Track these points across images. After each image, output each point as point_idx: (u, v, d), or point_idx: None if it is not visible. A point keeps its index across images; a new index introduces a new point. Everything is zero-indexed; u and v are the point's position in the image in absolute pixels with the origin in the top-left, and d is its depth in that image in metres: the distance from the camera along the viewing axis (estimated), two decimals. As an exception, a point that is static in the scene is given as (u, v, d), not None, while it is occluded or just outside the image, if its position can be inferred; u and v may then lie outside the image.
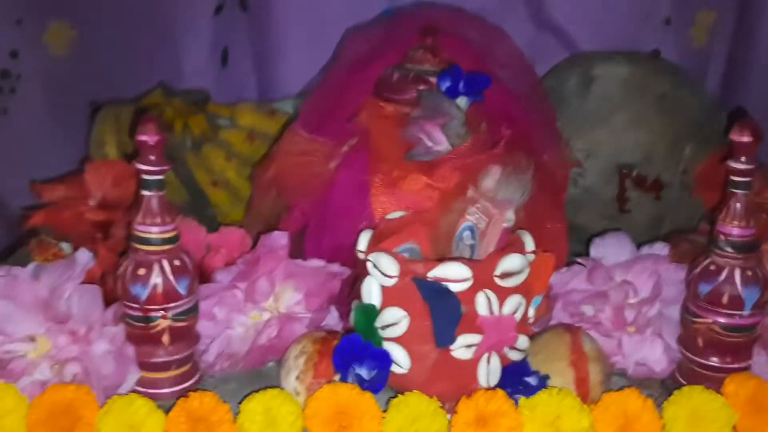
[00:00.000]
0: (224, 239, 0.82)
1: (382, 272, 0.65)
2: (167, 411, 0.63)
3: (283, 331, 0.73)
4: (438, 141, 0.75)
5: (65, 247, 0.77)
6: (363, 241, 0.69)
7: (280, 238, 0.75)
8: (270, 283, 0.74)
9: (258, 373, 0.74)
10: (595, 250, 0.79)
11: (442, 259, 0.66)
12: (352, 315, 0.69)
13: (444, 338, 0.63)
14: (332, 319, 0.77)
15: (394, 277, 0.64)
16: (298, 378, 0.67)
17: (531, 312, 0.69)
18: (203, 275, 0.79)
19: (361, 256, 0.69)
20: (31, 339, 0.67)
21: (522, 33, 0.99)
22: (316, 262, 0.76)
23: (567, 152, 0.83)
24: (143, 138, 0.65)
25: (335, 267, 0.76)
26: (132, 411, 0.62)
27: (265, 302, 0.75)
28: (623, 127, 0.91)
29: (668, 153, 0.90)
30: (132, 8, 1.14)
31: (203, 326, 0.73)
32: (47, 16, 1.16)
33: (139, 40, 1.16)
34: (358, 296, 0.69)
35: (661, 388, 0.72)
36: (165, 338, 0.68)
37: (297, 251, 0.78)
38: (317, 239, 0.78)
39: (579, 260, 0.79)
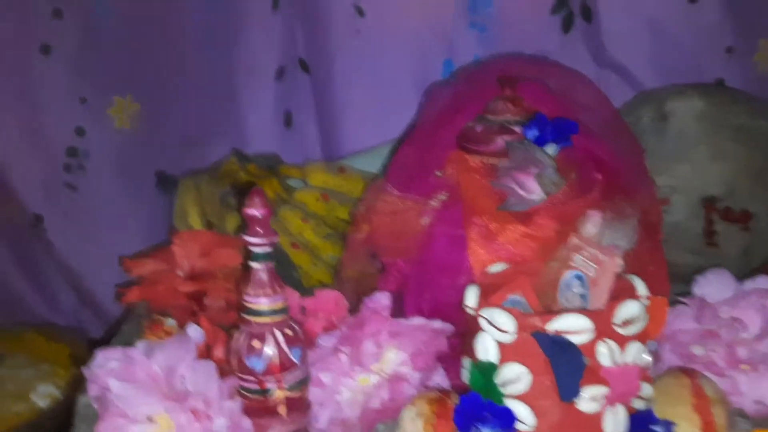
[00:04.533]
0: (320, 302, 0.81)
1: (497, 328, 0.64)
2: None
3: (393, 392, 0.73)
4: (531, 190, 0.75)
5: (171, 322, 0.77)
6: (471, 296, 0.69)
7: (383, 299, 0.75)
8: (377, 345, 0.74)
9: (368, 436, 0.74)
10: (697, 288, 0.78)
11: (557, 311, 0.66)
12: (467, 373, 0.68)
13: (568, 392, 0.63)
14: (439, 377, 0.76)
15: (511, 332, 0.64)
16: (418, 440, 0.67)
17: (647, 358, 0.68)
18: (303, 340, 0.79)
19: (470, 312, 0.69)
20: (150, 419, 0.67)
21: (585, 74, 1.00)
22: (418, 320, 0.76)
23: (656, 190, 0.83)
24: (251, 211, 0.66)
25: (437, 324, 0.76)
26: (262, 486, 0.62)
27: (373, 365, 0.74)
28: (705, 161, 0.91)
29: (753, 183, 0.90)
30: (194, 78, 1.17)
31: (311, 393, 0.73)
32: (111, 92, 1.19)
33: (202, 108, 1.19)
34: (470, 353, 0.68)
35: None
36: (282, 409, 0.68)
37: (396, 310, 0.78)
38: (417, 297, 0.77)
39: (683, 299, 0.78)
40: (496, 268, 0.73)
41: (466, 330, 0.71)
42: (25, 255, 1.30)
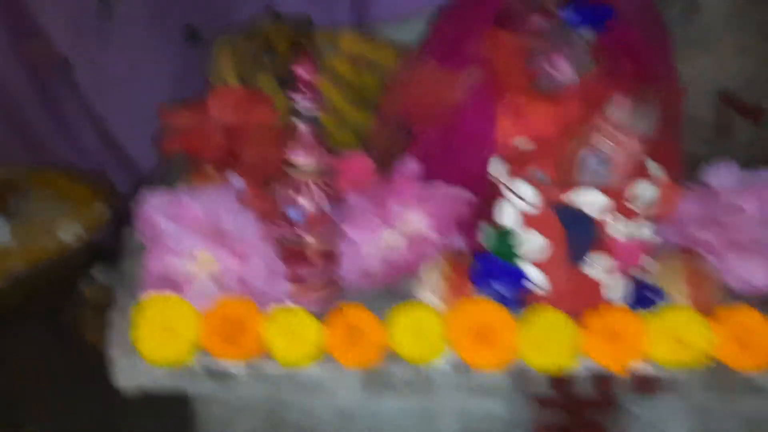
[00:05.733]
0: (350, 164, 0.86)
1: (520, 197, 0.70)
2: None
3: (414, 250, 0.79)
4: (563, 71, 0.79)
5: (212, 171, 0.82)
6: (496, 166, 0.74)
7: (412, 165, 0.80)
8: (403, 206, 0.79)
9: (388, 288, 0.81)
10: (705, 176, 0.83)
11: (576, 184, 0.71)
12: (486, 236, 0.74)
13: (578, 258, 0.69)
14: (456, 240, 0.82)
15: (532, 201, 0.69)
16: (435, 293, 0.74)
17: (652, 234, 0.73)
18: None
19: (495, 181, 0.74)
20: (193, 255, 0.73)
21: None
22: (442, 187, 0.81)
23: (679, 80, 0.86)
24: (299, 70, 0.70)
25: (459, 191, 0.81)
26: (296, 321, 0.69)
27: (397, 224, 0.80)
28: (727, 54, 0.94)
29: (770, 80, 0.93)
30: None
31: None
32: None
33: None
34: (490, 219, 0.74)
35: (762, 304, 0.77)
36: (314, 257, 0.74)
37: (422, 176, 0.83)
38: (442, 165, 0.82)
39: (689, 185, 0.83)
40: (521, 142, 0.78)
41: (487, 197, 0.76)
42: (51, 97, 1.33)
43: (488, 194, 0.76)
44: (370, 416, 0.76)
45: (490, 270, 0.71)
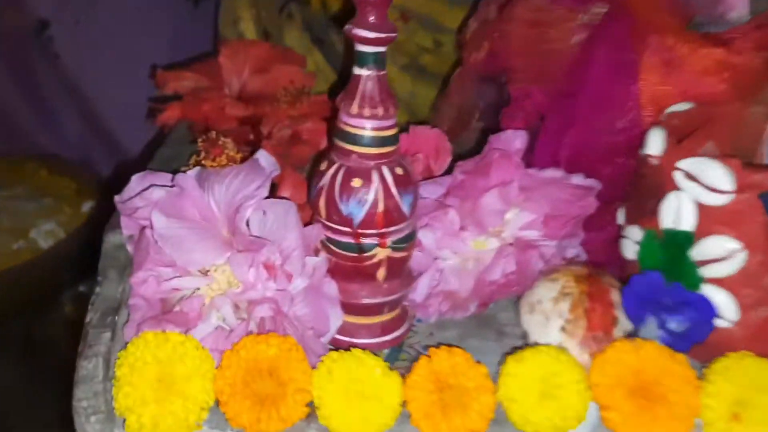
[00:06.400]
0: (418, 141, 0.63)
1: (707, 186, 0.46)
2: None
3: (520, 263, 0.55)
4: (733, 4, 0.55)
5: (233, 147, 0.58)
6: (655, 141, 0.50)
7: (516, 139, 0.56)
8: (504, 200, 0.55)
9: (478, 316, 0.57)
10: None
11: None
12: (633, 245, 0.51)
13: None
14: (575, 249, 0.58)
15: (728, 192, 0.45)
16: (563, 330, 0.50)
17: None
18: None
19: (653, 162, 0.50)
20: (204, 272, 0.49)
21: None
22: (554, 173, 0.57)
23: None
24: (363, -9, 0.46)
25: (581, 179, 0.57)
26: (359, 371, 0.45)
27: (493, 226, 0.56)
28: None
29: None
30: None
31: (408, 255, 0.55)
32: None
33: None
34: (645, 219, 0.50)
35: None
36: (380, 272, 0.50)
37: (527, 157, 0.59)
38: (554, 141, 0.58)
39: None
40: (678, 107, 0.54)
41: (637, 187, 0.52)
42: (26, 72, 1.13)
43: (637, 182, 0.52)
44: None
45: (656, 296, 0.47)
